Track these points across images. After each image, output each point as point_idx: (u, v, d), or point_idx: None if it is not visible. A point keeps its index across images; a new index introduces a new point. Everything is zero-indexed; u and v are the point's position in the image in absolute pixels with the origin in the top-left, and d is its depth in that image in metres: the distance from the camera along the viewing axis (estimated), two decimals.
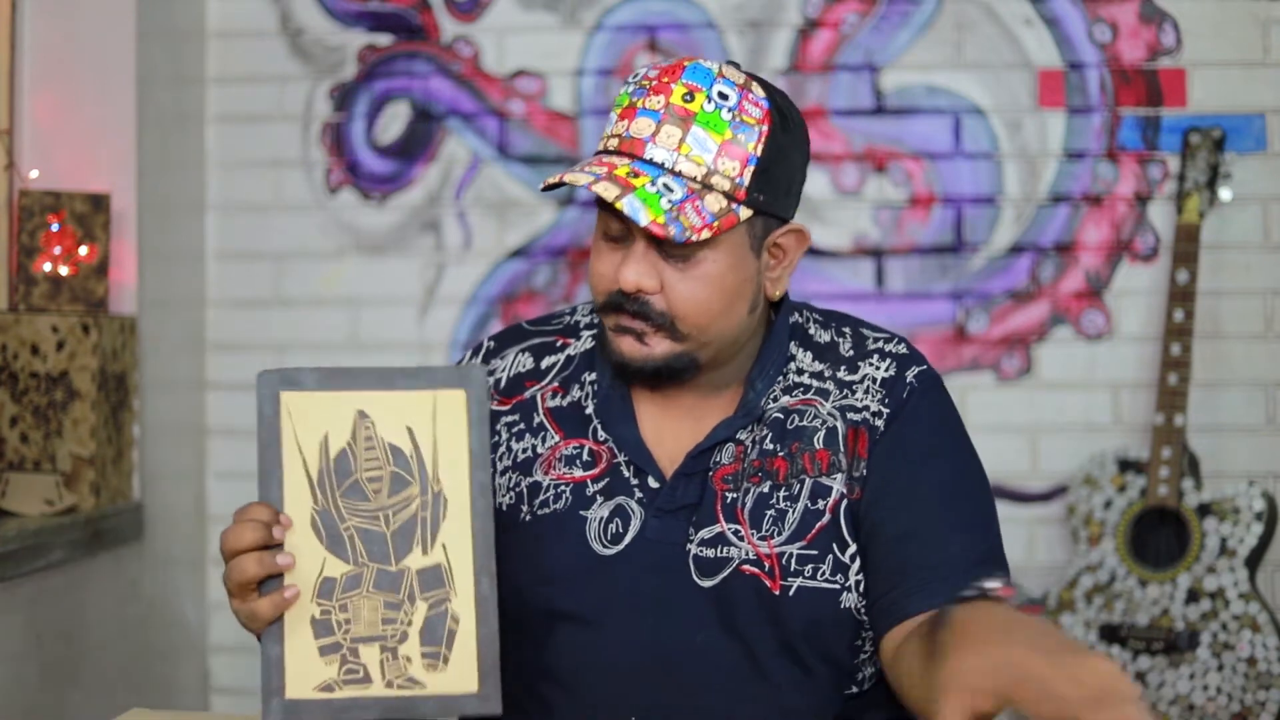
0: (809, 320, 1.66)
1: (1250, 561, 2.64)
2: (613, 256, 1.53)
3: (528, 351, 1.69)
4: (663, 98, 1.50)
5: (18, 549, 2.23)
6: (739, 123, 1.50)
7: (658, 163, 1.48)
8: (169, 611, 2.83)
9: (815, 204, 2.95)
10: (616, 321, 1.53)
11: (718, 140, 1.49)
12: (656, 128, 1.49)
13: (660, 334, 1.52)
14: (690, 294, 1.51)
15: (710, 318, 1.52)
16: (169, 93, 2.85)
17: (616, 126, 1.52)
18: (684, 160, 1.48)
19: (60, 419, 2.42)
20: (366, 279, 3.03)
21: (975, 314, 2.94)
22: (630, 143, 1.50)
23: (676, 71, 1.52)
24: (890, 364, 1.60)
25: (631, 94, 1.53)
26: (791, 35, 2.97)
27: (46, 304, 2.50)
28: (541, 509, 1.59)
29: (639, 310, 1.51)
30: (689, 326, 1.52)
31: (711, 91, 1.51)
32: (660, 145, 1.48)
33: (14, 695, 2.26)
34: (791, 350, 1.63)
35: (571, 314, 1.73)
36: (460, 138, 3.02)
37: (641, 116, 1.50)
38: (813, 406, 1.59)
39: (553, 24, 3.01)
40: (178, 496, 2.88)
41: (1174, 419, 2.72)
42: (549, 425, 1.63)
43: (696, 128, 1.49)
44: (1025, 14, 2.93)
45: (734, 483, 1.56)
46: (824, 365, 1.62)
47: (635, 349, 1.53)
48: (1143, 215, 2.91)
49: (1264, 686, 2.55)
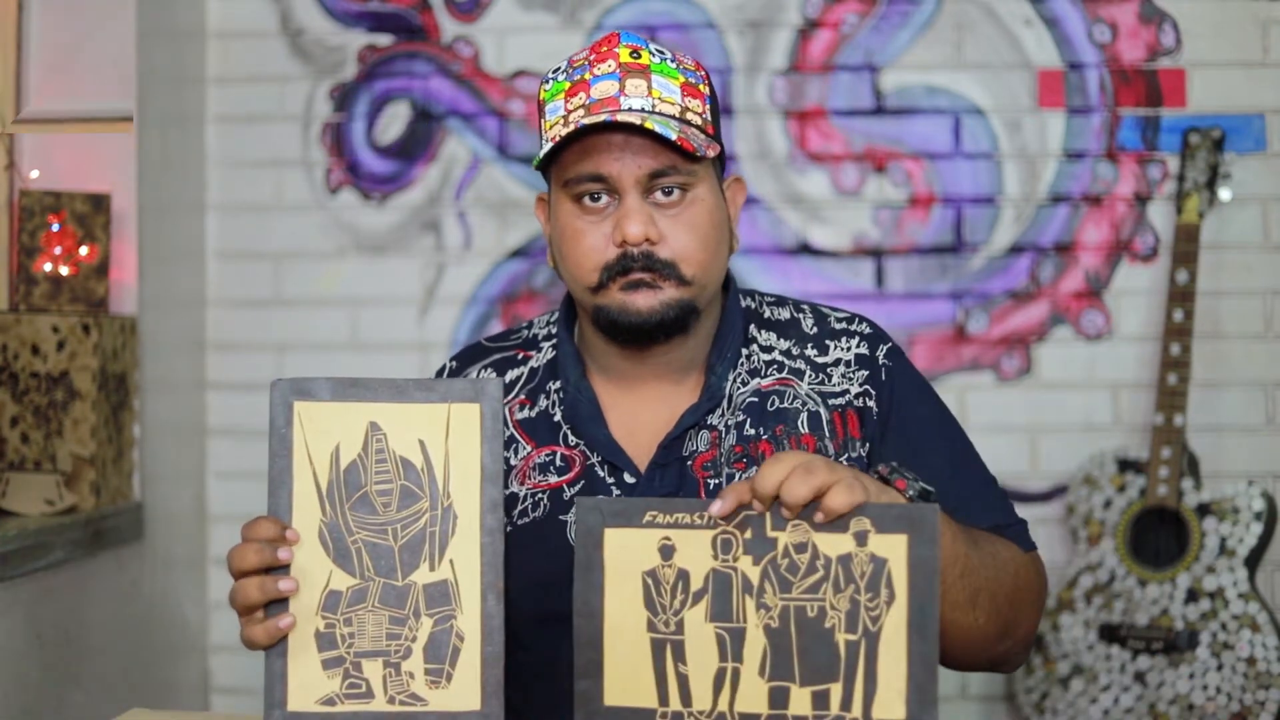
0: (760, 303, 1.70)
1: (1250, 561, 2.64)
2: (599, 227, 1.55)
3: (490, 368, 1.71)
4: (611, 61, 1.55)
5: (18, 549, 2.23)
6: (684, 70, 1.57)
7: (638, 109, 1.52)
8: (169, 611, 2.83)
9: (815, 204, 2.96)
10: (625, 281, 1.54)
11: (676, 84, 1.55)
12: (620, 85, 1.53)
13: (666, 280, 1.54)
14: (689, 234, 1.55)
15: (708, 255, 1.56)
16: (170, 93, 2.86)
17: (571, 102, 1.54)
18: (660, 102, 1.53)
19: (61, 419, 2.42)
20: (367, 279, 3.03)
21: (975, 314, 2.94)
22: (599, 105, 1.53)
23: (612, 40, 1.57)
24: (860, 343, 1.65)
25: (568, 76, 1.56)
26: (791, 35, 2.97)
27: (47, 304, 2.50)
28: (521, 518, 1.61)
29: (646, 263, 1.53)
30: (692, 268, 1.55)
31: (650, 49, 1.58)
32: (632, 95, 1.52)
33: (14, 695, 2.26)
34: (751, 333, 1.65)
35: (529, 328, 1.75)
36: (460, 138, 3.02)
37: (599, 82, 1.54)
38: (790, 387, 1.62)
39: (553, 24, 3.01)
40: (178, 496, 2.88)
41: (1173, 419, 2.72)
42: (519, 437, 1.65)
43: (656, 76, 1.54)
44: (1025, 14, 2.93)
45: (714, 469, 1.58)
46: (790, 343, 1.65)
47: (651, 299, 1.54)
48: (1142, 215, 2.91)
49: (1263, 686, 2.55)
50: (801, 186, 2.96)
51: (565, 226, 1.58)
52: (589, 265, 1.55)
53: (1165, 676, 2.62)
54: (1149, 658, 2.64)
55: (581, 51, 1.59)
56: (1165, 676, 2.62)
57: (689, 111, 1.54)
